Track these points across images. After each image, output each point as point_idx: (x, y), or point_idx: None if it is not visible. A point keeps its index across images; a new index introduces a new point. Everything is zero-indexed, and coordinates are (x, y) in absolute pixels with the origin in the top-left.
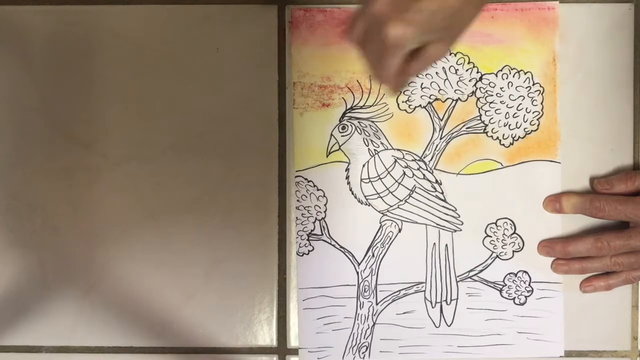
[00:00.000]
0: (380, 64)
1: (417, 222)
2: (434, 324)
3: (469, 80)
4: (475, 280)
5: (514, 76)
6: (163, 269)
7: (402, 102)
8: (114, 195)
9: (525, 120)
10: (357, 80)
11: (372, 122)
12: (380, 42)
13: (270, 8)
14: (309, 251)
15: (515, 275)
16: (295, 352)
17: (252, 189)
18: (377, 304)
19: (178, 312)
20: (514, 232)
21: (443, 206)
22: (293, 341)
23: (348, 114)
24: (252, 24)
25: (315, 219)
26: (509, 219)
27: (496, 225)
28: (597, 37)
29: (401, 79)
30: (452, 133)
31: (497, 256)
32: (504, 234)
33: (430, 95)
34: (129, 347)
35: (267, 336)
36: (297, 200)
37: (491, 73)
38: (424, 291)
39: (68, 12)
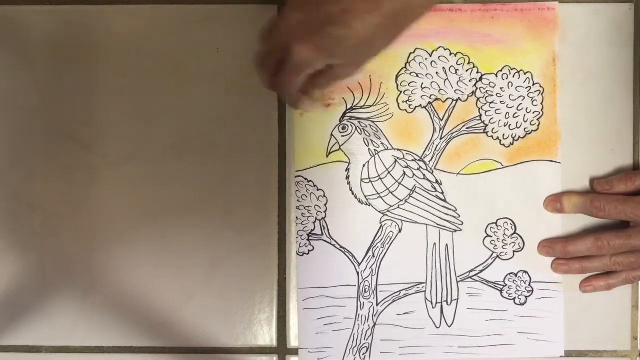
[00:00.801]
0: (284, 81)
1: (417, 222)
2: (434, 324)
3: (469, 81)
4: (476, 281)
5: (514, 76)
6: (163, 269)
7: (403, 102)
8: (114, 195)
9: (525, 120)
10: (358, 80)
11: (373, 122)
12: (287, 59)
13: (270, 8)
14: (309, 251)
15: (516, 275)
16: (295, 352)
17: (252, 189)
18: (377, 304)
19: (178, 312)
20: (515, 232)
21: (443, 206)
22: (293, 341)
23: (348, 114)
24: (252, 24)
25: (316, 218)
26: (509, 219)
27: (496, 225)
28: (597, 37)
29: (305, 94)
30: (453, 133)
31: (497, 256)
32: (504, 234)
33: (431, 95)
34: (129, 347)
35: (267, 336)
36: (298, 200)
37: (491, 73)
38: (425, 291)
39: (68, 12)
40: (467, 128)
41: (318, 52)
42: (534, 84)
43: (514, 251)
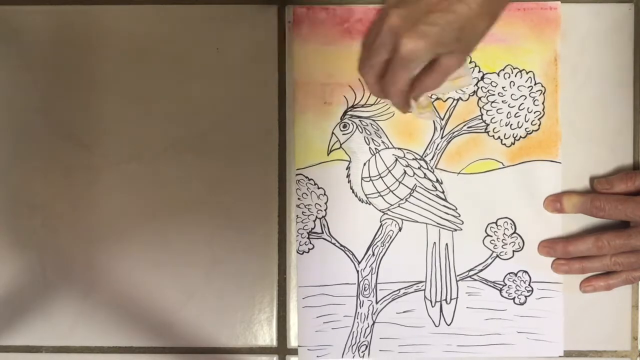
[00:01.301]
0: (391, 79)
1: (417, 221)
2: (433, 323)
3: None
4: (475, 280)
5: (515, 76)
6: (163, 268)
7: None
8: (114, 195)
9: (526, 120)
10: (359, 79)
11: (374, 120)
12: (394, 55)
13: (270, 8)
14: (309, 249)
15: (515, 275)
16: (295, 352)
17: (252, 188)
18: (377, 302)
19: (178, 312)
20: (514, 232)
21: (443, 205)
22: (293, 341)
23: (349, 113)
24: (252, 24)
25: (316, 217)
26: (510, 219)
27: (496, 224)
28: (598, 37)
29: (414, 95)
30: (453, 132)
31: (497, 256)
32: (504, 233)
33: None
34: (129, 347)
35: (267, 336)
36: (298, 199)
37: (493, 72)
38: (424, 290)
39: (68, 12)
40: (468, 127)
41: (425, 42)
42: (535, 84)
43: (513, 251)
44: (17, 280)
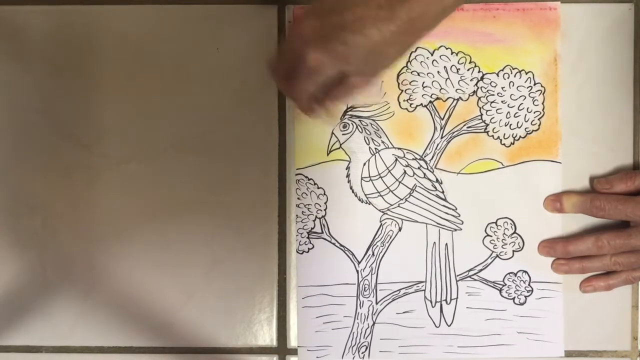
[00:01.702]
0: (296, 86)
1: (417, 221)
2: (433, 323)
3: (470, 80)
4: (475, 280)
5: (515, 76)
6: (163, 269)
7: (404, 101)
8: (114, 195)
9: (526, 120)
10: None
11: (373, 120)
12: (300, 64)
13: (270, 8)
14: (308, 249)
15: (515, 275)
16: (295, 352)
17: (252, 188)
18: (377, 303)
19: (178, 312)
20: (514, 232)
21: (443, 205)
22: (293, 341)
23: (349, 112)
24: (252, 24)
25: (316, 217)
26: (509, 219)
27: (496, 224)
28: (597, 37)
29: (319, 105)
30: (453, 132)
31: (497, 256)
32: (504, 233)
33: (432, 95)
34: (129, 347)
35: (267, 336)
36: (298, 198)
37: (492, 73)
38: (424, 290)
39: (68, 12)
40: (467, 127)
41: (331, 58)
42: (535, 84)
43: (513, 251)
44: (17, 280)
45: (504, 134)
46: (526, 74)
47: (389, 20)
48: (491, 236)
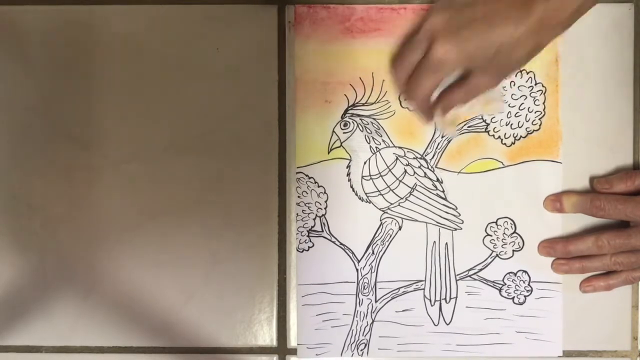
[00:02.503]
0: (416, 80)
1: (417, 220)
2: (432, 322)
3: None
4: (475, 279)
5: (516, 76)
6: (163, 269)
7: (404, 100)
8: (114, 195)
9: (527, 119)
10: (360, 77)
11: (374, 119)
12: (426, 57)
13: (270, 8)
14: (309, 247)
15: (515, 274)
16: (295, 352)
17: (252, 188)
18: (376, 301)
19: (178, 312)
20: (514, 232)
21: (444, 204)
22: (293, 341)
23: (350, 111)
24: (252, 24)
25: (316, 215)
26: (509, 218)
27: (496, 224)
28: (597, 37)
29: (440, 108)
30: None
31: (497, 255)
32: (504, 233)
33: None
34: (129, 347)
35: (267, 336)
36: (298, 197)
37: None
38: (424, 289)
39: (68, 12)
40: (468, 127)
41: (459, 51)
42: (536, 84)
43: (513, 250)
44: (17, 280)
45: (505, 134)
46: (527, 73)
47: (523, 17)
48: (491, 236)
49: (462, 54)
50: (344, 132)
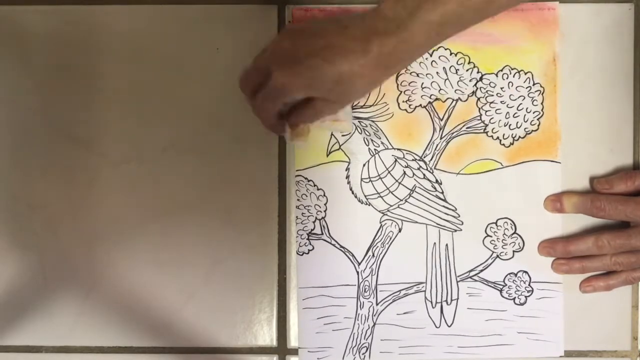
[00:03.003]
0: (259, 104)
1: (417, 222)
2: (434, 324)
3: (470, 80)
4: (476, 280)
5: (514, 76)
6: (163, 269)
7: (403, 101)
8: (114, 195)
9: (525, 120)
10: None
11: (373, 121)
12: (266, 83)
13: (270, 8)
14: (309, 250)
15: (516, 275)
16: (295, 352)
17: (252, 189)
18: (377, 304)
19: (178, 312)
20: (514, 232)
21: (443, 206)
22: (293, 341)
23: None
24: (252, 24)
25: (316, 218)
26: (509, 219)
27: (496, 225)
28: (597, 37)
29: (289, 122)
30: (452, 133)
31: (497, 256)
32: (504, 233)
33: (431, 95)
34: (129, 347)
35: (267, 336)
36: (297, 200)
37: (491, 73)
38: (424, 291)
39: (68, 12)
40: (467, 128)
41: (296, 82)
42: (534, 84)
43: (513, 251)
44: (17, 280)
45: (504, 134)
46: (525, 74)
47: (361, 53)
48: (491, 236)
49: (299, 84)
50: (342, 135)
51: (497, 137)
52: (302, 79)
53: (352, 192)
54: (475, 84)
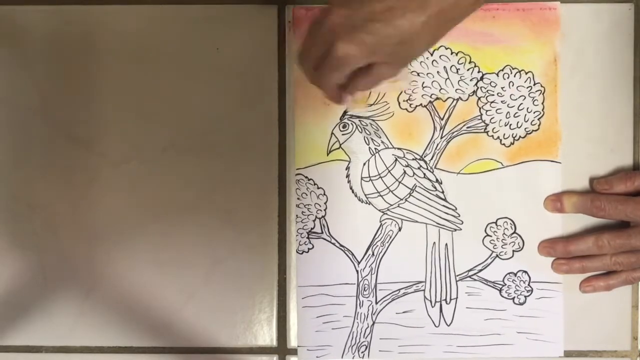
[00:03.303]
0: (324, 76)
1: (417, 221)
2: (433, 323)
3: (470, 80)
4: (475, 280)
5: (515, 76)
6: (163, 268)
7: (403, 101)
8: (114, 195)
9: (526, 120)
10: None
11: (373, 120)
12: (328, 55)
13: (270, 8)
14: (308, 249)
15: (515, 275)
16: (295, 352)
17: (252, 188)
18: (376, 302)
19: (178, 312)
20: (514, 232)
21: (443, 205)
22: (293, 341)
23: (349, 113)
24: (252, 24)
25: (315, 217)
26: (509, 219)
27: (496, 224)
28: (597, 37)
29: (347, 93)
30: (453, 132)
31: (497, 256)
32: (504, 233)
33: (431, 95)
34: (129, 347)
35: (267, 336)
36: (297, 199)
37: (492, 73)
38: (424, 290)
39: (68, 12)
40: (467, 127)
41: (359, 49)
42: (535, 84)
43: (513, 251)
44: (17, 280)
45: (504, 134)
46: (526, 74)
47: (420, 10)
48: (491, 236)
49: (362, 51)
50: (343, 134)
51: (498, 137)
52: (365, 46)
53: (352, 191)
54: (476, 84)
